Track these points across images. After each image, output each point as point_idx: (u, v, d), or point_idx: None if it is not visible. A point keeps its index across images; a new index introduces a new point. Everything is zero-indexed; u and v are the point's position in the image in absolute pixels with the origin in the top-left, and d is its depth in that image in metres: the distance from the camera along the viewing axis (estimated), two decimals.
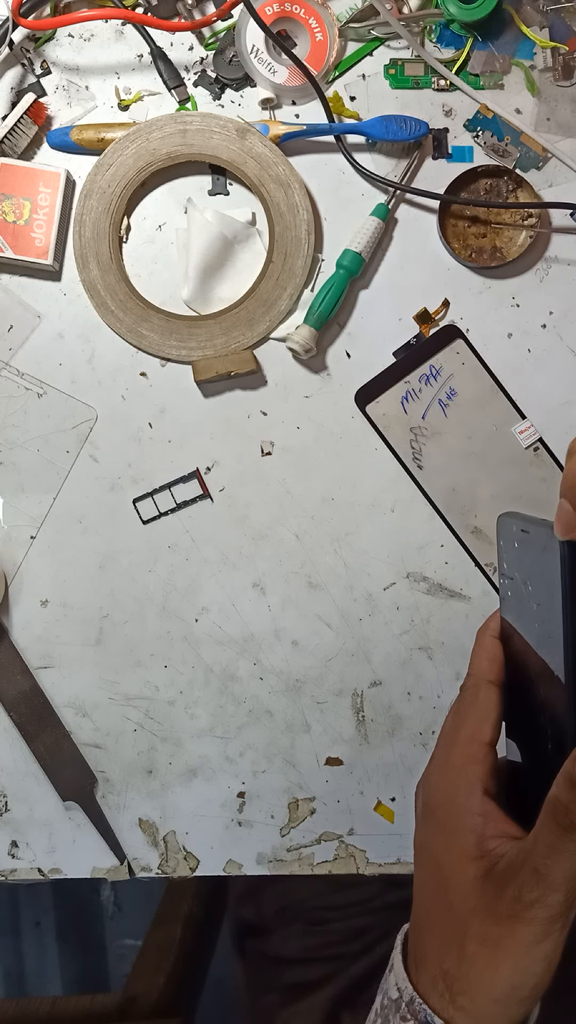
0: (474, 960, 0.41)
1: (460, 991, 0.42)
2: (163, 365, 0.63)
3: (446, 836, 0.43)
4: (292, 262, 0.62)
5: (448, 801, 0.44)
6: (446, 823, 0.44)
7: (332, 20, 0.62)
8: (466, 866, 0.42)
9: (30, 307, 0.63)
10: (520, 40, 0.62)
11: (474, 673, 0.46)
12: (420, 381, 0.63)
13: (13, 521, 0.63)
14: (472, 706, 0.45)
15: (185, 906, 0.97)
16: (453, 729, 0.46)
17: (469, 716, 0.45)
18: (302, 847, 0.63)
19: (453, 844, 0.43)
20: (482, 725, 0.44)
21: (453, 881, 0.42)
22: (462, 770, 0.44)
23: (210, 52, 0.63)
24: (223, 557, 0.63)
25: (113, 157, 0.61)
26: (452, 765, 0.45)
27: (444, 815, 0.44)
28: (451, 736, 0.46)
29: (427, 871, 0.45)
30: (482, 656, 0.46)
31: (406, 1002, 0.44)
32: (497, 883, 0.41)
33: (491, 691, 0.45)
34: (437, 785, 0.45)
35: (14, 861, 0.63)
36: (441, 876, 0.43)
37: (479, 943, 0.41)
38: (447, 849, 0.43)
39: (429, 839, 0.45)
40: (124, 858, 0.63)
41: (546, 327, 0.63)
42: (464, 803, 0.43)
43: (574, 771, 0.38)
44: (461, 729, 0.45)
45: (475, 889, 0.41)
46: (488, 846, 0.42)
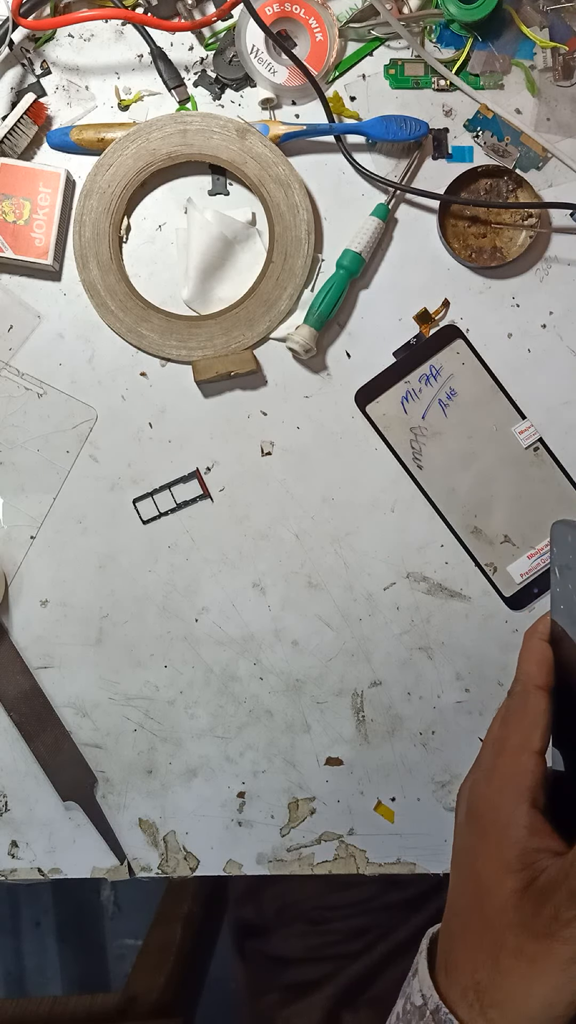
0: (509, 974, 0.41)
1: (491, 1003, 0.41)
2: (163, 365, 0.63)
3: (489, 845, 0.43)
4: (292, 262, 0.62)
5: (494, 810, 0.43)
6: (490, 832, 0.43)
7: (332, 20, 0.62)
8: (506, 878, 0.41)
9: (30, 307, 0.63)
10: (520, 40, 0.63)
11: (523, 677, 0.45)
12: (420, 381, 0.63)
13: (13, 521, 0.63)
14: (521, 713, 0.44)
15: (185, 906, 0.97)
16: (501, 736, 0.45)
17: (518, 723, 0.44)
18: (302, 847, 0.63)
19: (495, 854, 0.42)
20: (531, 733, 0.43)
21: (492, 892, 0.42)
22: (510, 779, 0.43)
23: (210, 52, 0.63)
24: (223, 557, 0.63)
25: (113, 157, 0.61)
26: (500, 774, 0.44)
27: (489, 824, 0.43)
28: (499, 743, 0.45)
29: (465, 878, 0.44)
30: (531, 660, 0.45)
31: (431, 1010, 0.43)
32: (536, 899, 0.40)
33: (540, 697, 0.44)
34: (484, 793, 0.44)
35: (14, 861, 0.63)
36: (479, 885, 0.43)
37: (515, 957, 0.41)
38: (488, 858, 0.42)
39: (471, 846, 0.44)
40: (124, 858, 0.63)
41: (546, 327, 0.63)
42: (510, 814, 0.42)
43: None
44: (510, 737, 0.44)
45: (513, 902, 0.41)
46: (530, 859, 0.41)
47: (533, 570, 0.63)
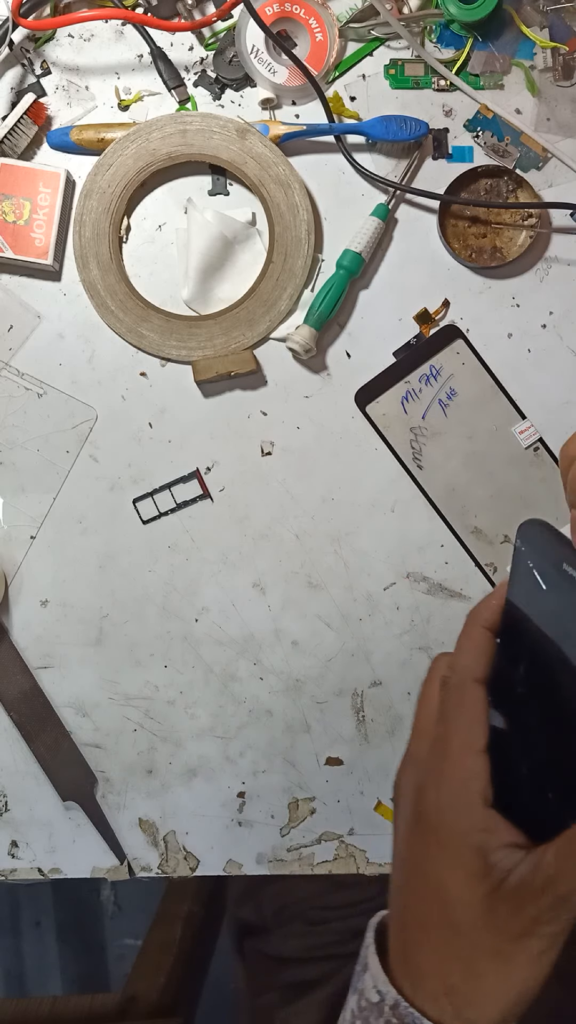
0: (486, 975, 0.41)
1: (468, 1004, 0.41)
2: (163, 365, 0.63)
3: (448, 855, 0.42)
4: (292, 262, 0.62)
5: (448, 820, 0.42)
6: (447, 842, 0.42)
7: (332, 20, 0.62)
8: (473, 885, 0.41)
9: (30, 307, 0.63)
10: (520, 40, 0.63)
11: (460, 669, 0.44)
12: (420, 381, 0.63)
13: (13, 521, 0.63)
14: (460, 708, 0.43)
15: (185, 906, 0.97)
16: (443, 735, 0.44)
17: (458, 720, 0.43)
18: (302, 847, 0.63)
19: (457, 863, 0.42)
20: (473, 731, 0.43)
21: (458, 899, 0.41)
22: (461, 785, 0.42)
23: (210, 52, 0.63)
24: (223, 557, 0.63)
25: (113, 157, 0.61)
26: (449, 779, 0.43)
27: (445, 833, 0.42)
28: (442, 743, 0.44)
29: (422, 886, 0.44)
30: (471, 649, 0.44)
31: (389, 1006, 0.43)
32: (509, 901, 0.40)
33: (478, 691, 0.43)
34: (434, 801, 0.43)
35: (14, 861, 0.63)
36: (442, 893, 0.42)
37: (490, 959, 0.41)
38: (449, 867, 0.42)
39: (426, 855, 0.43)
40: (124, 858, 0.63)
41: (546, 327, 0.63)
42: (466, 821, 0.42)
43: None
44: (452, 737, 0.43)
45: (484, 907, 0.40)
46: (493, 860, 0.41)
47: None
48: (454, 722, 0.43)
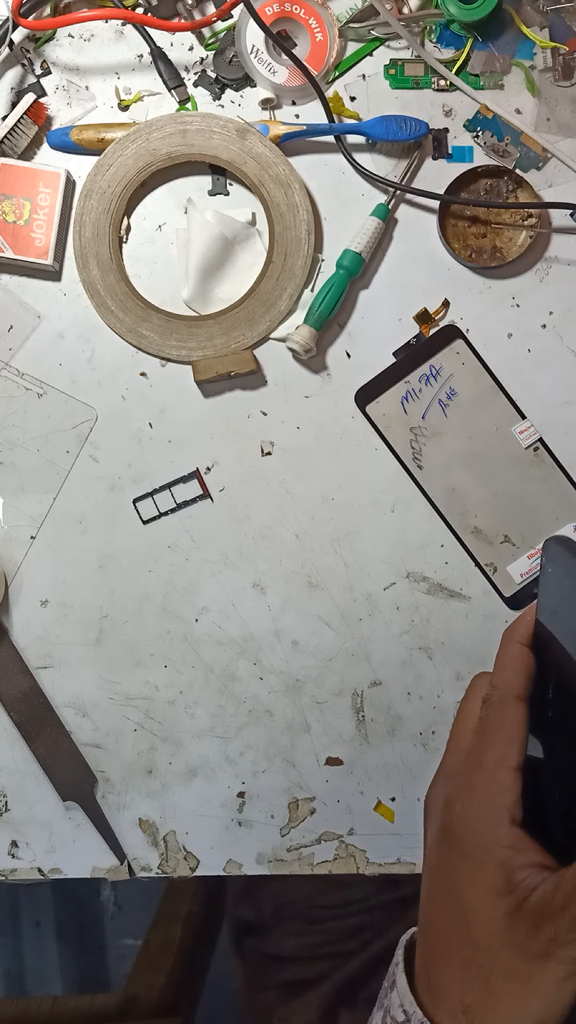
0: (503, 996, 0.40)
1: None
2: (163, 365, 0.63)
3: (472, 868, 0.42)
4: (292, 262, 0.62)
5: (474, 832, 0.42)
6: (472, 854, 0.42)
7: (332, 20, 0.62)
8: (495, 901, 0.40)
9: (30, 307, 0.63)
10: (520, 40, 0.63)
11: (501, 685, 0.43)
12: (420, 381, 0.63)
13: (13, 521, 0.63)
14: (499, 725, 0.42)
15: (185, 906, 0.97)
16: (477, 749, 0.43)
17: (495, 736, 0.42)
18: (302, 847, 0.63)
19: (480, 877, 0.41)
20: (509, 748, 0.42)
21: (479, 915, 0.41)
22: (490, 799, 0.42)
23: (210, 52, 0.63)
24: (223, 557, 0.63)
25: (113, 157, 0.61)
26: (479, 793, 0.42)
27: (470, 846, 0.42)
28: (475, 756, 0.43)
29: (446, 900, 0.43)
30: (511, 667, 0.43)
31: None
32: (529, 920, 0.39)
33: (519, 708, 0.42)
34: (462, 813, 0.43)
35: (14, 861, 0.63)
36: (464, 908, 0.42)
37: (507, 979, 0.40)
38: (473, 882, 0.41)
39: (451, 868, 0.43)
40: (124, 858, 0.63)
41: (546, 327, 0.63)
42: (492, 835, 0.41)
43: None
44: (487, 751, 0.42)
45: (504, 924, 0.40)
46: (517, 878, 0.40)
47: (533, 570, 0.63)
48: (492, 737, 0.43)
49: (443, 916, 0.43)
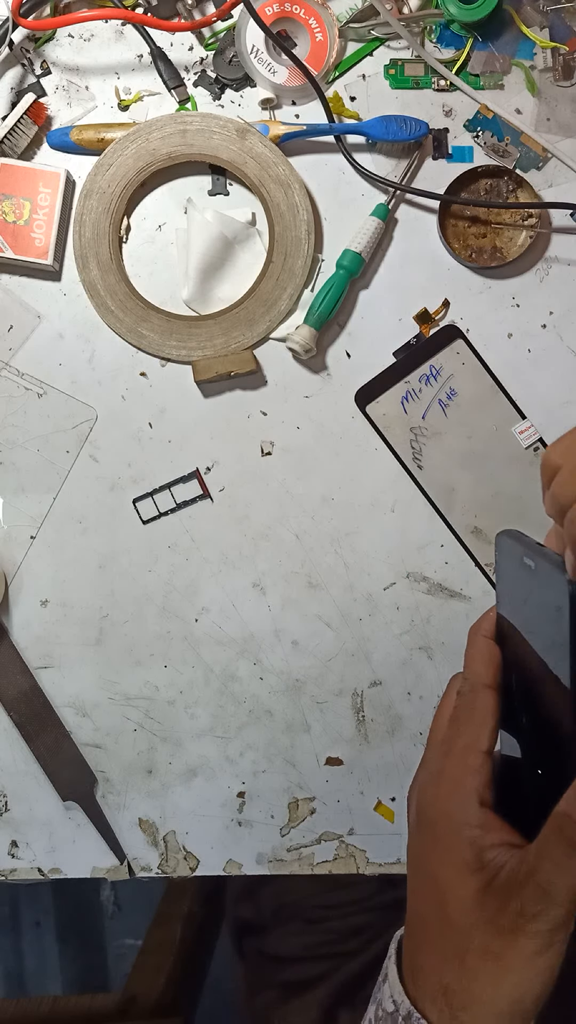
0: (476, 974, 0.41)
1: (461, 1006, 0.41)
2: (163, 365, 0.63)
3: (443, 849, 0.43)
4: (292, 262, 0.62)
5: (444, 814, 0.43)
6: (443, 836, 0.43)
7: (332, 20, 0.62)
8: (466, 879, 0.41)
9: (30, 307, 0.63)
10: (520, 40, 0.63)
11: (471, 677, 0.45)
12: (420, 381, 0.63)
13: (13, 521, 0.63)
14: (470, 713, 0.44)
15: (185, 906, 0.97)
16: (449, 736, 0.45)
17: (466, 723, 0.44)
18: (302, 847, 0.63)
19: (451, 857, 0.42)
20: (480, 733, 0.43)
21: (452, 895, 0.42)
22: (459, 782, 0.43)
23: (210, 52, 0.63)
24: (223, 557, 0.63)
25: (113, 157, 0.61)
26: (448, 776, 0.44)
27: (441, 828, 0.43)
28: (447, 744, 0.44)
29: (423, 884, 0.44)
30: (479, 659, 0.45)
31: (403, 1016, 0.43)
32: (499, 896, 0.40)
33: (489, 697, 0.44)
34: (433, 797, 0.44)
35: (14, 861, 0.63)
36: (439, 890, 0.42)
37: (481, 957, 0.40)
38: (445, 862, 0.42)
39: (425, 852, 0.44)
40: (124, 858, 0.63)
41: (546, 327, 0.63)
42: (461, 815, 0.42)
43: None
44: (458, 738, 0.44)
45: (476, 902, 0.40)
46: (487, 857, 0.41)
47: None
48: (462, 724, 0.44)
49: (421, 900, 0.44)
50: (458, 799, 0.42)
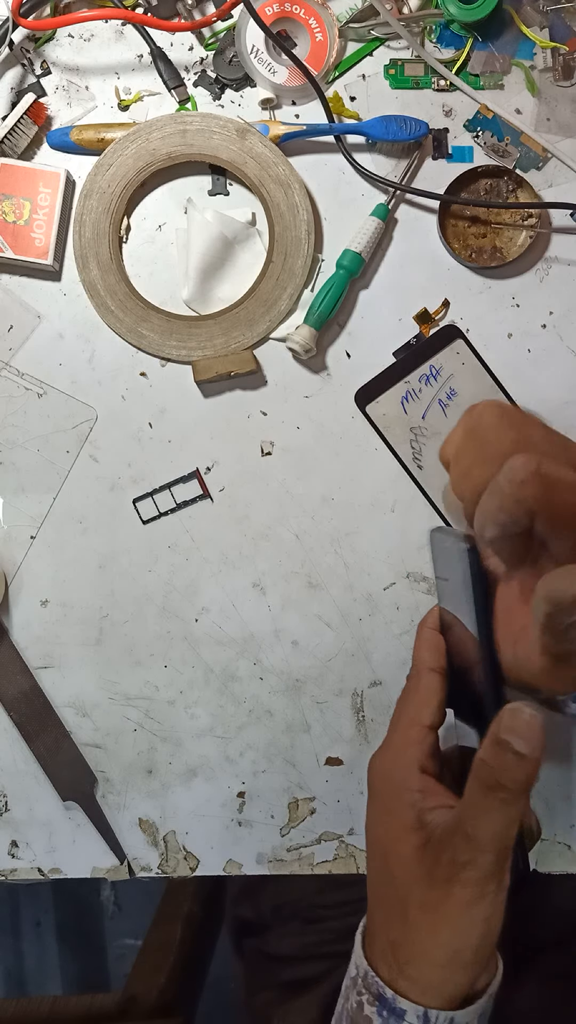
0: (417, 928, 0.43)
1: (406, 960, 0.43)
2: (163, 365, 0.63)
3: (388, 814, 0.46)
4: (292, 262, 0.62)
5: (389, 781, 0.47)
6: (388, 802, 0.46)
7: (332, 20, 0.62)
8: (407, 839, 0.44)
9: (30, 307, 0.63)
10: (520, 40, 0.63)
11: (416, 662, 0.49)
12: (420, 381, 0.63)
13: (13, 521, 0.63)
14: (413, 693, 0.48)
15: (185, 906, 0.97)
16: (396, 715, 0.49)
17: (409, 702, 0.48)
18: (302, 847, 0.63)
19: (394, 820, 0.45)
20: (422, 709, 0.47)
21: (395, 855, 0.44)
22: (401, 751, 0.47)
23: (210, 52, 0.63)
24: (223, 557, 0.63)
25: (113, 157, 0.61)
26: (392, 747, 0.48)
27: (386, 795, 0.46)
28: (394, 722, 0.49)
29: (373, 848, 0.47)
30: (423, 647, 0.49)
31: (361, 977, 0.45)
32: (434, 850, 0.43)
33: (432, 678, 0.48)
34: (379, 767, 0.48)
35: (14, 861, 0.63)
36: (384, 852, 0.45)
37: (420, 910, 0.43)
38: (389, 826, 0.45)
39: (374, 818, 0.47)
40: (124, 858, 0.63)
41: (546, 327, 0.63)
42: (403, 782, 0.46)
43: (496, 731, 0.41)
44: (402, 715, 0.48)
45: (415, 859, 0.43)
46: (427, 818, 0.44)
47: None
48: (406, 703, 0.49)
49: (372, 864, 0.47)
50: (401, 767, 0.46)
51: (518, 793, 0.41)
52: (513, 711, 0.41)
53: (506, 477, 0.38)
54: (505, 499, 0.38)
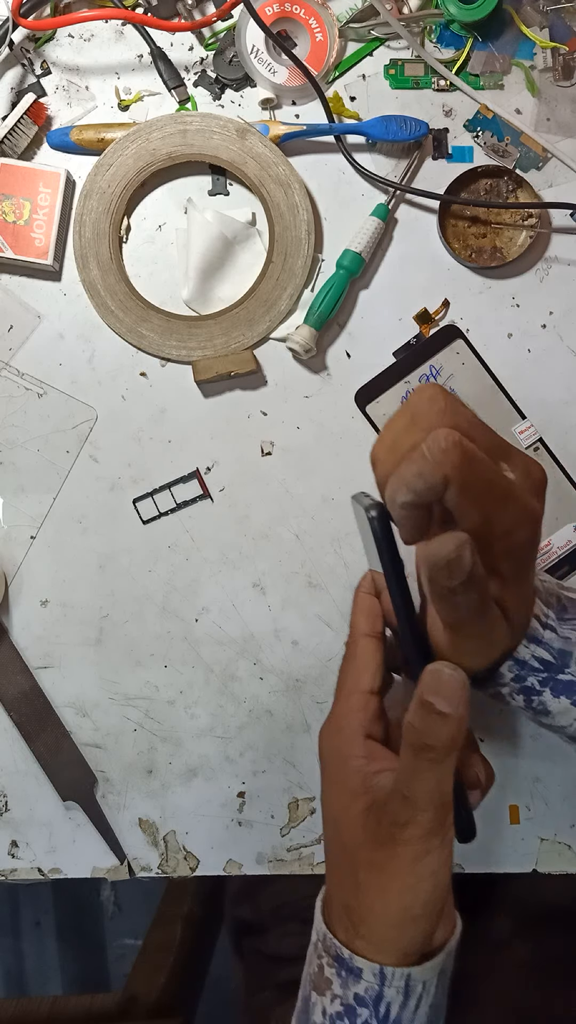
0: (367, 888, 0.44)
1: (360, 920, 0.44)
2: (163, 365, 0.63)
3: (336, 781, 0.46)
4: (292, 262, 0.62)
5: (335, 749, 0.47)
6: (335, 771, 0.47)
7: (332, 20, 0.62)
8: (354, 803, 0.45)
9: (30, 307, 0.63)
10: (520, 40, 0.63)
11: (352, 629, 0.49)
12: (420, 381, 0.63)
13: (13, 521, 0.63)
14: (351, 660, 0.48)
15: (185, 906, 0.97)
16: (337, 684, 0.49)
17: (348, 669, 0.48)
18: (302, 847, 0.63)
19: (342, 787, 0.46)
20: (360, 675, 0.47)
21: (344, 820, 0.45)
22: (345, 720, 0.47)
23: (210, 52, 0.63)
24: (223, 557, 0.63)
25: (113, 157, 0.61)
26: (336, 717, 0.48)
27: (334, 763, 0.47)
28: (336, 691, 0.49)
29: (326, 817, 0.48)
30: (358, 612, 0.50)
31: (320, 941, 0.46)
32: (377, 813, 0.43)
33: (368, 643, 0.48)
34: (326, 738, 0.48)
35: (14, 861, 0.63)
36: (335, 818, 0.46)
37: (368, 871, 0.44)
38: (338, 792, 0.46)
39: (325, 788, 0.48)
40: (124, 858, 0.63)
41: (546, 327, 0.63)
42: (348, 749, 0.46)
43: (422, 694, 0.42)
44: (342, 684, 0.48)
45: (361, 822, 0.44)
46: (371, 782, 0.45)
47: None
48: (345, 670, 0.49)
49: (326, 833, 0.48)
50: (345, 735, 0.47)
51: (445, 752, 0.42)
52: (433, 672, 0.43)
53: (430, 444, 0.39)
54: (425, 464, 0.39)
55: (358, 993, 0.44)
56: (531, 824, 0.62)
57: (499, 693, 0.48)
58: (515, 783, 0.62)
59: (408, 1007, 0.44)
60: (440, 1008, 0.47)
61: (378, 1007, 0.44)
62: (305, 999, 0.48)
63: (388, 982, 0.43)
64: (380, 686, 0.48)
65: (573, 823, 0.62)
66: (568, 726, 0.48)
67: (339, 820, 0.46)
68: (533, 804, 0.62)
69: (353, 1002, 0.44)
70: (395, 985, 0.44)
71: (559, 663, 0.47)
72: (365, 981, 0.44)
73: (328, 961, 0.45)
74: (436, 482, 0.39)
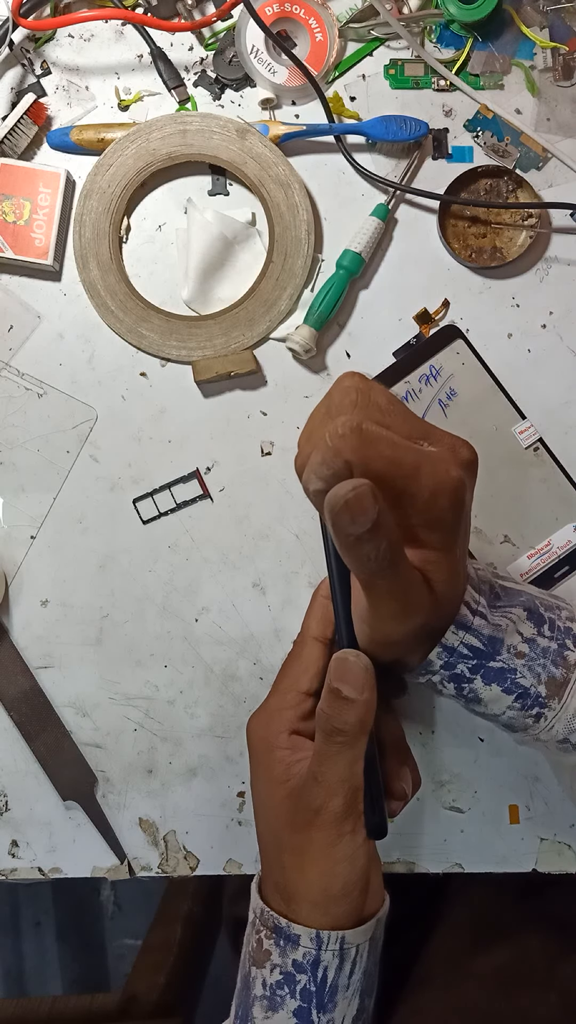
0: (290, 870, 0.46)
1: (290, 899, 0.47)
2: (163, 365, 0.63)
3: (263, 769, 0.49)
4: (292, 262, 0.62)
5: (263, 740, 0.50)
6: (261, 759, 0.49)
7: (332, 20, 0.62)
8: (277, 790, 0.48)
9: (30, 307, 0.63)
10: (520, 40, 0.63)
11: (303, 629, 0.52)
12: (420, 381, 0.63)
13: (13, 521, 0.63)
14: (295, 660, 0.51)
15: (185, 906, 0.97)
16: (277, 679, 0.52)
17: (291, 667, 0.51)
18: None
19: (268, 775, 0.49)
20: (300, 676, 0.50)
21: (269, 806, 0.48)
22: (276, 713, 0.50)
23: (210, 52, 0.63)
24: (223, 557, 0.63)
25: (113, 157, 0.61)
26: (267, 709, 0.50)
27: (261, 752, 0.50)
28: (274, 686, 0.52)
29: (255, 803, 0.51)
30: (311, 616, 0.52)
31: (258, 917, 0.49)
32: (295, 798, 0.46)
33: (314, 646, 0.51)
34: (255, 728, 0.51)
35: (14, 860, 0.63)
36: (262, 804, 0.49)
37: (290, 854, 0.46)
38: (264, 780, 0.49)
39: (253, 774, 0.50)
40: (124, 858, 0.63)
41: (546, 327, 0.63)
42: (275, 740, 0.49)
43: (330, 680, 0.44)
44: (281, 680, 0.51)
45: (284, 807, 0.47)
46: (293, 770, 0.47)
47: (533, 570, 0.63)
48: (287, 668, 0.51)
49: (256, 819, 0.51)
50: (274, 727, 0.49)
51: (354, 736, 0.44)
52: (339, 659, 0.45)
53: (330, 431, 0.40)
54: (328, 452, 0.39)
55: (296, 959, 0.46)
56: (531, 824, 0.62)
57: (430, 681, 0.48)
58: (515, 783, 0.62)
59: (343, 971, 0.47)
60: (372, 976, 0.49)
61: (315, 971, 0.46)
62: (244, 977, 0.50)
63: (324, 945, 0.46)
64: (317, 689, 0.50)
65: (573, 823, 0.62)
66: (501, 714, 0.48)
67: (265, 805, 0.49)
68: (533, 804, 0.62)
69: (292, 968, 0.47)
70: (331, 948, 0.46)
71: (489, 650, 0.46)
72: (303, 947, 0.46)
73: (266, 934, 0.48)
74: (339, 467, 0.39)
